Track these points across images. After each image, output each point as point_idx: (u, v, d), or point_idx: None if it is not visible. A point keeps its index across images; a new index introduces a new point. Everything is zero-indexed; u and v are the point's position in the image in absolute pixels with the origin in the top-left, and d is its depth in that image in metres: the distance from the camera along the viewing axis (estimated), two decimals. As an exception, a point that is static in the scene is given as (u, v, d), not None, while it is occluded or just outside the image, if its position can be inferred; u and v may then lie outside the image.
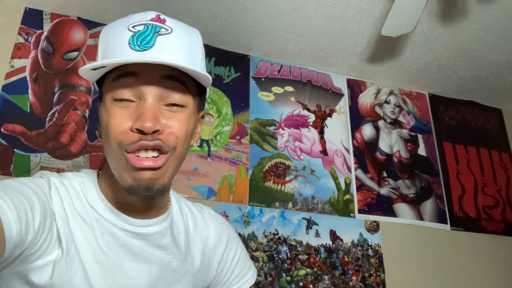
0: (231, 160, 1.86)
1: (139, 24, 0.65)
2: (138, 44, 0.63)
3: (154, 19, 0.66)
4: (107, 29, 0.68)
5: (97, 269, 0.65)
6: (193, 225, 0.81)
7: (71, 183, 0.70)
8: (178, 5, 1.78)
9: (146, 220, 0.71)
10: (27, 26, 1.77)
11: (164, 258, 0.72)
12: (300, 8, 1.80)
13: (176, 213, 0.79)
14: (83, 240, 0.66)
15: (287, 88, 2.10)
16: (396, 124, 2.20)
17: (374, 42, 1.98)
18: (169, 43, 0.64)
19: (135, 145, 0.62)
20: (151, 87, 0.64)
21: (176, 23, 0.68)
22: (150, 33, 0.64)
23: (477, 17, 1.83)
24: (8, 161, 1.57)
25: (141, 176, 0.63)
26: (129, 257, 0.69)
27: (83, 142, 1.68)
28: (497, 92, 2.33)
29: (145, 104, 0.63)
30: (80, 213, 0.67)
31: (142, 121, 0.61)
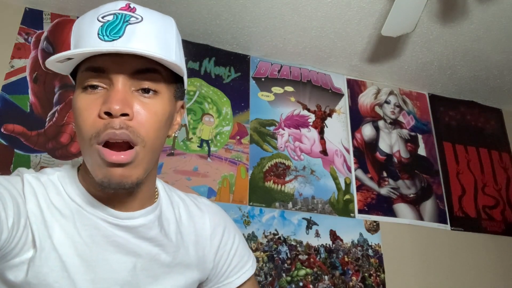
0: (231, 160, 1.86)
1: (108, 14, 0.63)
2: (107, 35, 0.61)
3: (124, 8, 0.64)
4: (78, 21, 0.67)
5: (79, 263, 0.64)
6: (186, 215, 0.79)
7: (49, 178, 0.69)
8: (178, 5, 1.78)
9: (130, 212, 0.68)
10: (27, 26, 1.77)
11: (152, 251, 0.70)
12: (300, 8, 1.80)
13: (166, 205, 0.76)
14: (62, 235, 0.64)
15: (287, 88, 2.10)
16: (396, 124, 2.20)
17: (374, 42, 1.98)
18: (139, 32, 0.62)
19: (104, 134, 0.59)
20: (121, 75, 0.62)
21: (147, 11, 0.66)
22: (120, 23, 0.62)
23: (477, 17, 1.83)
24: (8, 161, 1.57)
25: (112, 173, 0.60)
26: (113, 248, 0.66)
27: (83, 142, 1.68)
28: (497, 92, 2.33)
29: (114, 88, 0.61)
30: (58, 208, 0.65)
31: (110, 103, 0.59)
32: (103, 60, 0.62)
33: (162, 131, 0.66)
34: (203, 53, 2.00)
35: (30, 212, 0.63)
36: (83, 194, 0.68)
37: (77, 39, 0.65)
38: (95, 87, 0.62)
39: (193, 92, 1.91)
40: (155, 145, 0.65)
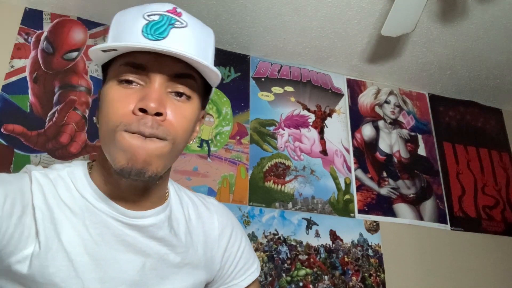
0: (231, 160, 1.86)
1: (154, 13, 0.64)
2: (152, 33, 0.62)
3: (171, 11, 0.66)
4: (120, 14, 0.68)
5: (88, 261, 0.63)
6: (195, 215, 0.79)
7: (59, 174, 0.68)
8: (178, 5, 1.78)
9: (140, 211, 0.68)
10: (27, 26, 1.77)
11: (160, 250, 0.70)
12: (300, 8, 1.80)
13: (176, 205, 0.76)
14: (72, 233, 0.63)
15: (287, 88, 2.10)
16: (396, 124, 2.20)
17: (374, 42, 1.98)
18: (183, 36, 0.64)
19: (134, 125, 0.60)
20: (159, 75, 0.63)
21: (192, 19, 0.67)
22: (165, 24, 0.63)
23: (477, 17, 1.83)
24: (8, 161, 1.57)
25: (136, 156, 0.60)
26: (123, 248, 0.66)
27: (83, 142, 1.68)
28: (497, 92, 2.33)
29: (151, 86, 0.62)
30: (68, 205, 0.65)
31: (147, 100, 0.60)
32: (145, 58, 0.63)
33: (187, 135, 0.67)
34: (203, 53, 2.00)
35: (37, 209, 0.62)
36: (94, 191, 0.67)
37: (118, 32, 0.65)
38: (131, 82, 0.63)
39: (193, 92, 1.91)
40: (180, 146, 0.66)
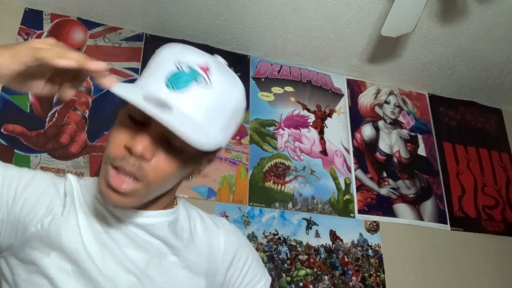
0: (231, 160, 1.86)
1: (186, 64, 0.66)
2: (173, 84, 0.64)
3: (203, 68, 0.66)
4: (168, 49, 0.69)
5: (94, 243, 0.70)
6: (201, 229, 0.83)
7: (85, 183, 0.78)
8: (178, 5, 1.78)
9: (143, 211, 0.74)
10: (27, 27, 1.77)
11: (160, 248, 0.75)
12: (300, 8, 1.80)
13: (183, 215, 0.81)
14: (86, 221, 0.72)
15: (287, 88, 2.10)
16: (396, 124, 2.20)
17: (374, 42, 1.98)
18: (198, 97, 0.65)
19: (117, 162, 0.64)
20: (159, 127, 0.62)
21: (222, 78, 0.68)
22: (188, 79, 0.64)
23: (477, 17, 1.82)
24: (8, 161, 1.56)
25: (108, 195, 0.65)
26: (126, 241, 0.72)
27: (83, 143, 1.68)
28: (497, 92, 2.33)
29: (147, 131, 0.64)
30: (88, 205, 0.74)
31: (135, 142, 0.63)
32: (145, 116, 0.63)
33: (174, 181, 0.72)
34: (203, 53, 2.00)
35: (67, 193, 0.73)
36: None
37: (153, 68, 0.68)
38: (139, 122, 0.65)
39: (193, 92, 1.91)
40: (161, 189, 0.70)
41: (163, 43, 0.73)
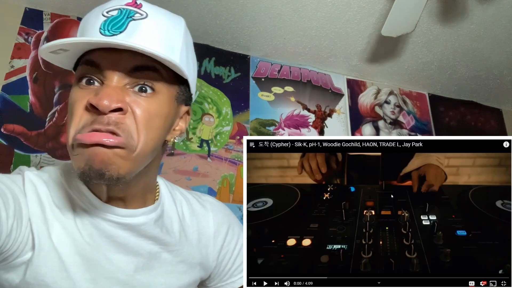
0: (231, 160, 1.86)
1: (113, 9, 0.61)
2: (108, 29, 0.59)
3: (130, 4, 0.62)
4: (85, 17, 0.65)
5: (80, 261, 0.63)
6: (189, 213, 0.78)
7: (51, 176, 0.67)
8: (178, 5, 1.78)
9: (131, 210, 0.67)
10: (27, 26, 1.77)
11: (152, 249, 0.69)
12: (300, 8, 1.80)
13: (168, 203, 0.75)
14: (63, 234, 0.62)
15: (287, 88, 2.10)
16: (396, 124, 2.20)
17: (374, 42, 1.98)
18: (142, 28, 0.60)
19: (88, 128, 0.57)
20: (114, 71, 0.60)
21: (154, 9, 0.64)
22: (123, 18, 0.60)
23: (477, 17, 1.83)
24: (8, 161, 1.57)
25: (92, 155, 0.56)
26: (114, 248, 0.66)
27: (83, 142, 1.68)
28: (497, 92, 2.33)
29: (107, 84, 0.59)
30: (59, 206, 0.64)
31: (99, 98, 0.56)
32: (99, 55, 0.60)
33: (156, 133, 0.62)
34: (203, 53, 2.00)
35: (31, 211, 0.62)
36: (86, 192, 0.66)
37: (80, 33, 0.64)
38: (91, 82, 0.60)
39: (193, 92, 1.91)
40: (147, 148, 0.61)
41: None
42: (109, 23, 0.60)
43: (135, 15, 0.61)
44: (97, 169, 0.56)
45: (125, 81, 0.60)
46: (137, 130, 0.59)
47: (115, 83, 0.59)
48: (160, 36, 0.62)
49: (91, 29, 0.61)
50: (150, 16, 0.62)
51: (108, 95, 0.57)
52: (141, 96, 0.60)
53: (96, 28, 0.60)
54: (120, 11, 0.61)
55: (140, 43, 0.57)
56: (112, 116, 0.57)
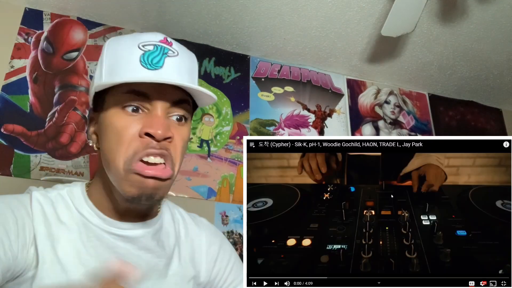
0: (231, 160, 1.86)
1: (149, 44, 0.69)
2: (149, 63, 0.66)
3: (163, 41, 0.70)
4: (114, 43, 0.72)
5: (83, 272, 0.67)
6: (184, 231, 0.83)
7: (59, 193, 0.73)
8: (178, 5, 1.78)
9: (132, 223, 0.73)
10: (27, 26, 1.77)
11: (151, 261, 0.74)
12: (300, 8, 1.80)
13: (167, 220, 0.81)
14: (67, 246, 0.67)
15: (287, 88, 2.10)
16: (396, 124, 2.20)
17: (374, 42, 1.98)
18: (177, 65, 0.69)
19: (143, 152, 0.65)
20: (161, 102, 0.67)
21: (180, 47, 0.72)
22: (159, 54, 0.68)
23: (477, 17, 1.83)
24: (8, 161, 1.57)
25: (147, 185, 0.65)
26: (115, 259, 0.70)
27: (83, 142, 1.68)
28: (497, 92, 2.33)
29: (155, 113, 0.66)
30: (65, 222, 0.69)
31: (155, 127, 0.64)
32: (147, 86, 0.66)
33: (183, 156, 0.72)
34: (203, 53, 2.00)
35: (36, 230, 0.66)
36: (89, 207, 0.72)
37: (114, 60, 0.69)
38: (137, 110, 0.67)
39: (193, 92, 1.91)
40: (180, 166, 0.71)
41: None
42: (147, 57, 0.67)
43: (169, 52, 0.69)
44: (149, 194, 0.66)
45: (168, 111, 0.68)
46: (176, 157, 0.69)
47: (161, 112, 0.67)
48: (188, 72, 0.72)
49: (129, 59, 0.67)
50: (180, 55, 0.71)
51: (162, 125, 0.65)
52: (179, 125, 0.70)
53: (135, 60, 0.67)
54: (155, 47, 0.69)
55: (178, 80, 0.67)
56: (163, 144, 0.66)
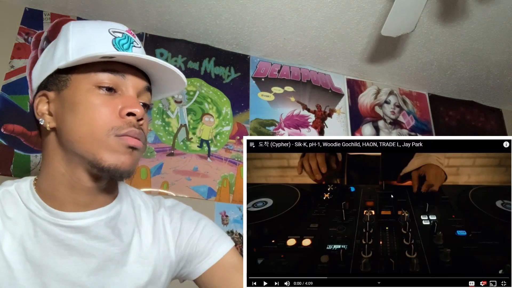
0: (231, 160, 1.86)
1: (118, 31, 0.73)
2: (121, 47, 0.71)
3: (129, 32, 0.75)
4: (79, 25, 0.75)
5: (29, 268, 0.67)
6: (146, 216, 0.81)
7: (7, 189, 0.72)
8: (178, 5, 1.78)
9: (81, 212, 0.71)
10: (27, 26, 1.77)
11: (106, 251, 0.72)
12: (300, 8, 1.80)
13: (126, 207, 0.79)
14: (13, 243, 0.67)
15: (287, 88, 2.10)
16: (396, 124, 2.20)
17: (374, 42, 1.98)
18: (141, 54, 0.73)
19: (127, 130, 0.68)
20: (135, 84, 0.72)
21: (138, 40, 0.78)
22: (128, 42, 0.73)
23: (477, 17, 1.83)
24: (8, 161, 1.57)
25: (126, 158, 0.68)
26: (66, 252, 0.69)
27: (83, 142, 1.68)
28: (497, 92, 2.33)
29: (131, 95, 0.71)
30: (11, 217, 0.69)
31: (136, 107, 0.69)
32: (124, 68, 0.71)
33: None
34: (203, 53, 2.00)
35: None
36: (37, 201, 0.71)
37: (85, 40, 0.71)
38: (110, 90, 0.70)
39: (193, 92, 1.91)
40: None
41: (163, 43, 0.76)
42: (118, 41, 0.72)
43: (134, 43, 0.74)
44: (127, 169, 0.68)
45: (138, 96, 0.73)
46: (145, 136, 0.73)
47: (135, 95, 0.72)
48: None
49: (100, 41, 0.71)
50: (142, 48, 0.76)
51: (139, 106, 0.70)
52: (143, 107, 0.74)
53: (107, 42, 0.71)
54: (124, 35, 0.74)
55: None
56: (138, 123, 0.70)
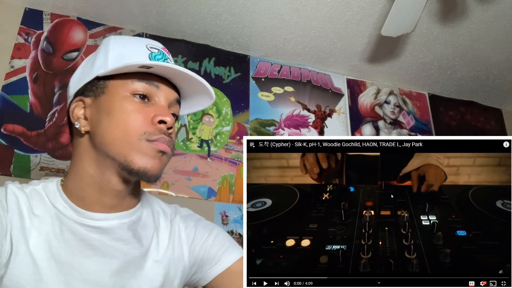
0: (231, 160, 1.86)
1: (154, 47, 0.78)
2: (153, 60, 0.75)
3: (164, 49, 0.80)
4: (120, 38, 0.79)
5: (54, 266, 0.68)
6: (164, 223, 0.84)
7: (34, 188, 0.74)
8: (178, 5, 1.78)
9: (106, 214, 0.74)
10: (27, 26, 1.77)
11: (127, 253, 0.74)
12: (300, 8, 1.80)
13: (146, 213, 0.82)
14: (40, 240, 0.69)
15: (287, 88, 2.10)
16: (396, 124, 2.20)
17: (374, 42, 1.98)
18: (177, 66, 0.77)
19: (158, 136, 0.72)
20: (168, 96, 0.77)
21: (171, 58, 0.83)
22: (163, 58, 0.77)
23: (477, 17, 1.82)
24: (8, 161, 1.57)
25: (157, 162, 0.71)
26: (89, 252, 0.71)
27: (83, 142, 1.68)
28: (497, 92, 2.33)
29: (163, 104, 0.75)
30: (38, 215, 0.71)
31: (167, 115, 0.73)
32: (160, 80, 0.75)
33: None
34: (203, 53, 2.00)
35: (11, 222, 0.68)
36: (64, 201, 0.73)
37: (123, 52, 0.76)
38: (143, 98, 0.74)
39: (193, 92, 1.91)
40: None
41: (163, 43, 0.76)
42: (154, 56, 0.76)
43: (168, 59, 0.79)
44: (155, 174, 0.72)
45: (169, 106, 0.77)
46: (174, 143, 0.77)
47: (167, 105, 0.76)
48: None
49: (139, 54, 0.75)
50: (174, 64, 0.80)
51: (169, 115, 0.74)
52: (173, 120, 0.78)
53: (145, 56, 0.75)
54: (160, 52, 0.78)
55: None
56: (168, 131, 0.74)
